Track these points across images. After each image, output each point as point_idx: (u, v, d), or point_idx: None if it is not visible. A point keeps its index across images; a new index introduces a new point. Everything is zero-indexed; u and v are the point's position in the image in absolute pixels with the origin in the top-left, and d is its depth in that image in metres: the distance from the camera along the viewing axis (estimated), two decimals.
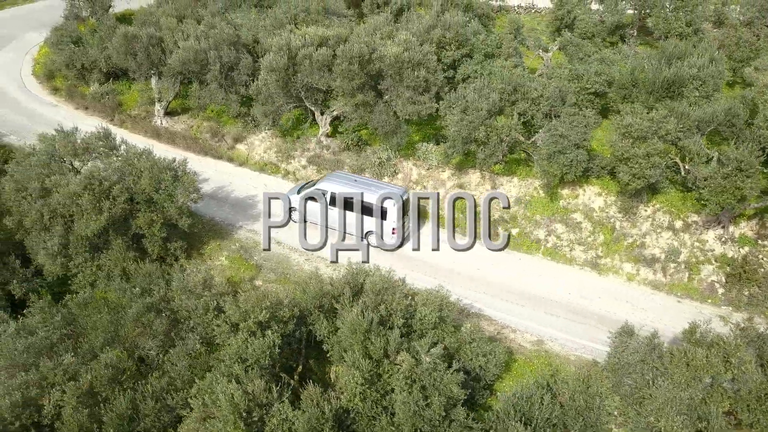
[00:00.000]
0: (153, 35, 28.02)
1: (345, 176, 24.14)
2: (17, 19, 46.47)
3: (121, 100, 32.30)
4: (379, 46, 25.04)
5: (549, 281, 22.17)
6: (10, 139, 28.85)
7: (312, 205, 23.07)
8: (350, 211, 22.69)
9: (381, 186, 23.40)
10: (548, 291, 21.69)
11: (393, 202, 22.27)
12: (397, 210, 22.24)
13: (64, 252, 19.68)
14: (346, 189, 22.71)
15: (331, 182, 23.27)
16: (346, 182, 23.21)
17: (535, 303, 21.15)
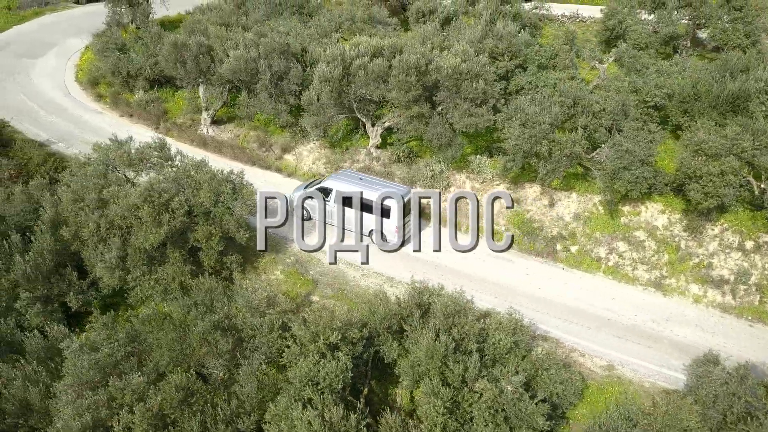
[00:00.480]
0: (202, 44, 27.76)
1: (351, 174, 24.08)
2: (57, 25, 46.74)
3: (166, 108, 32.13)
4: (434, 56, 24.49)
5: (613, 302, 21.38)
6: (59, 147, 28.78)
7: (312, 203, 23.30)
8: (349, 208, 22.57)
9: (384, 185, 23.19)
10: (613, 312, 20.90)
11: (394, 201, 22.01)
12: (398, 209, 21.95)
13: (121, 265, 19.36)
14: (348, 187, 22.59)
15: (335, 180, 23.17)
16: (351, 180, 23.05)
17: (601, 324, 20.37)
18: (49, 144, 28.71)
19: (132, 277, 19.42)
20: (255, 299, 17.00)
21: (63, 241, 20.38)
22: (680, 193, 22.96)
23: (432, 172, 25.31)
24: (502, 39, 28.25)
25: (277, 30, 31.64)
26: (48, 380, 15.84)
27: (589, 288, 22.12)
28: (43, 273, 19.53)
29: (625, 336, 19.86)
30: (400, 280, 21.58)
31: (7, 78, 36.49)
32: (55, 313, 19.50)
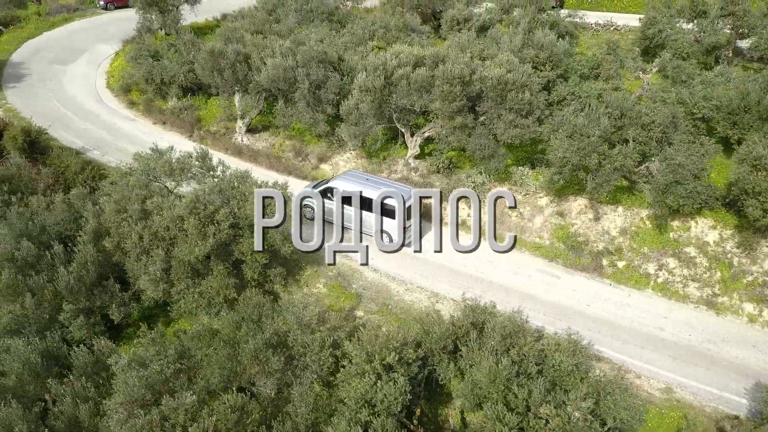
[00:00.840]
0: (239, 52, 27.50)
1: (358, 175, 24.06)
2: (86, 31, 46.89)
3: (199, 116, 31.93)
4: (477, 66, 24.04)
5: (664, 320, 20.72)
6: (95, 154, 28.63)
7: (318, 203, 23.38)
8: (356, 208, 22.49)
9: (388, 184, 23.11)
10: (666, 331, 20.25)
11: (395, 201, 21.84)
12: (399, 209, 21.75)
13: (165, 278, 19.03)
14: (353, 187, 22.54)
15: (342, 180, 23.17)
16: (357, 181, 23.02)
17: (654, 344, 19.73)
18: (84, 151, 28.56)
19: (176, 291, 19.07)
20: (306, 316, 16.55)
21: (105, 252, 20.10)
22: (732, 209, 22.31)
23: (473, 183, 24.81)
24: (542, 48, 27.80)
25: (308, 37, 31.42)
26: (96, 397, 15.49)
27: (638, 305, 21.48)
28: (86, 285, 19.24)
29: (680, 357, 19.20)
30: (445, 295, 21.10)
31: (39, 84, 36.54)
32: (98, 326, 19.20)
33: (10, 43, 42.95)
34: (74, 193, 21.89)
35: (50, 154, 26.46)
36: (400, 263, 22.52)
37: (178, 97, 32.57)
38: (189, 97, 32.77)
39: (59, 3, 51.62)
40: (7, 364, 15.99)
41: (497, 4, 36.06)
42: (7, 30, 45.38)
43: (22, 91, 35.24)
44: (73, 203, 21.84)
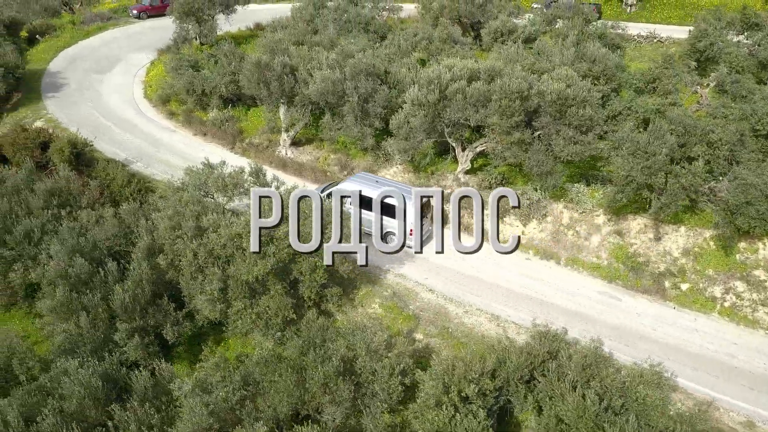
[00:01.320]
0: (286, 64, 27.08)
1: (368, 177, 24.27)
2: (120, 40, 46.95)
3: (240, 127, 31.55)
4: (533, 80, 23.39)
5: (735, 347, 19.81)
6: (138, 166, 28.31)
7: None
8: (366, 210, 22.17)
9: (391, 185, 23.36)
10: (739, 359, 19.33)
11: (395, 200, 21.77)
12: (399, 208, 21.71)
13: (222, 297, 18.51)
14: (353, 187, 22.51)
15: (351, 182, 23.30)
16: (367, 183, 23.17)
17: (728, 373, 18.82)
18: (128, 163, 28.25)
19: (233, 311, 18.53)
20: (375, 341, 15.92)
21: (158, 269, 19.64)
22: None
23: (529, 200, 24.11)
24: (595, 62, 27.08)
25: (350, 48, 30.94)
26: (160, 424, 14.94)
27: (706, 330, 20.58)
28: (140, 304, 18.78)
29: (759, 388, 18.28)
30: (505, 318, 20.37)
31: (78, 94, 36.44)
32: (152, 346, 18.69)
33: (47, 52, 43.05)
34: (125, 208, 21.47)
35: (96, 167, 26.15)
36: (454, 283, 21.84)
37: (219, 108, 32.24)
38: (229, 108, 32.41)
39: (93, 12, 51.82)
40: (67, 387, 15.48)
41: (540, 15, 35.42)
42: (44, 39, 45.52)
43: (62, 101, 35.15)
44: (124, 218, 21.43)
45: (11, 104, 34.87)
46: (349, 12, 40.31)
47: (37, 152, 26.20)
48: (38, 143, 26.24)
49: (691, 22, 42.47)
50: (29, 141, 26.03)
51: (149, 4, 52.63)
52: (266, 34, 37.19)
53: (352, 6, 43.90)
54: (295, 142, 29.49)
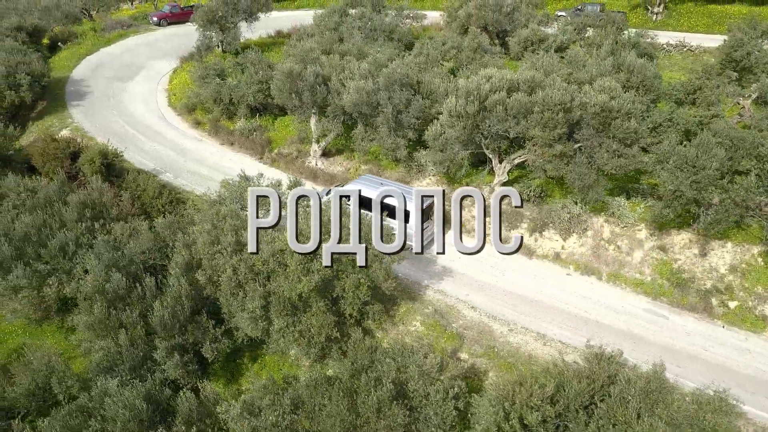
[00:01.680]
0: (318, 73, 26.66)
1: (372, 179, 24.53)
2: (141, 47, 46.79)
3: (269, 137, 31.15)
4: (574, 92, 22.84)
5: None
6: (167, 177, 27.93)
7: None
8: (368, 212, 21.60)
9: (394, 186, 23.52)
10: None
11: (395, 200, 21.79)
12: (400, 209, 21.67)
13: (264, 315, 18.02)
14: (367, 191, 22.74)
15: (356, 185, 23.48)
16: (372, 185, 23.46)
17: None
18: (156, 173, 27.87)
19: (275, 329, 18.03)
20: (426, 363, 15.38)
21: (196, 284, 19.19)
22: None
23: (570, 214, 23.54)
24: (633, 72, 26.52)
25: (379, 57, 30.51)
26: None
27: (759, 351, 19.89)
28: (180, 321, 18.33)
29: None
30: (552, 337, 19.78)
31: (102, 101, 36.20)
32: (191, 364, 18.22)
33: (70, 60, 42.88)
34: (161, 222, 21.05)
35: (126, 177, 25.78)
36: (496, 299, 21.29)
37: (246, 118, 31.86)
38: (257, 117, 32.02)
39: (113, 19, 51.72)
40: (111, 408, 15.02)
41: (570, 23, 34.91)
42: (66, 46, 45.39)
43: (87, 110, 34.90)
44: (159, 232, 21.01)
45: (36, 112, 34.63)
46: (373, 20, 39.97)
47: (66, 162, 25.88)
48: (68, 153, 25.92)
49: (719, 31, 41.92)
50: (59, 151, 25.71)
51: (169, 11, 52.51)
52: (292, 42, 36.83)
53: (375, 14, 43.62)
54: (326, 152, 29.05)
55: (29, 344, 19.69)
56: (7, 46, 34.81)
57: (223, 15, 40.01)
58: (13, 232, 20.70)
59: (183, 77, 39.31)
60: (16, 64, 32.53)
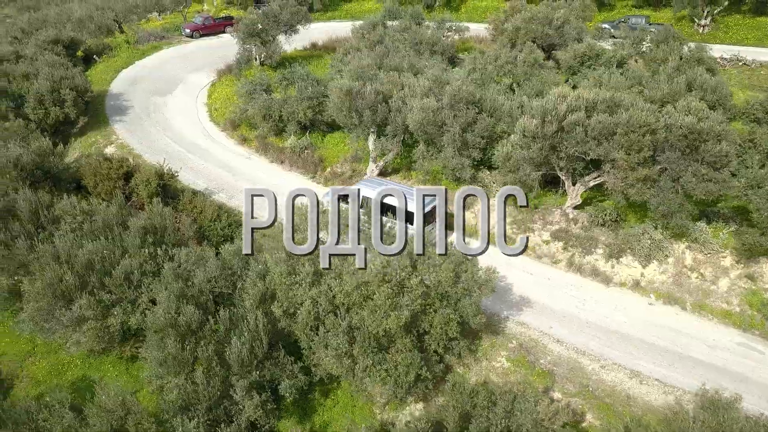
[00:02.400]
0: (379, 91, 25.70)
1: (377, 181, 24.82)
2: (176, 60, 46.07)
3: (321, 155, 30.18)
4: (657, 113, 21.77)
5: None
6: (221, 197, 27.00)
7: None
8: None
9: (403, 189, 23.49)
10: None
11: (395, 199, 22.08)
12: (401, 210, 21.79)
13: (348, 352, 16.95)
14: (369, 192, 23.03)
15: (359, 186, 23.91)
16: (373, 186, 23.79)
17: None
18: (210, 194, 26.93)
19: (360, 367, 16.93)
20: (539, 411, 14.26)
21: (272, 317, 18.15)
22: None
23: (651, 240, 22.37)
24: (707, 90, 25.40)
25: (434, 73, 29.55)
26: None
27: None
28: (257, 357, 17.29)
29: None
30: (647, 374, 18.57)
31: (144, 117, 35.41)
32: (268, 404, 17.15)
33: (106, 73, 42.20)
34: (228, 249, 20.03)
35: (181, 199, 24.85)
36: (580, 331, 20.12)
37: (296, 135, 30.92)
38: (307, 134, 31.08)
39: (146, 30, 51.10)
40: None
41: (627, 37, 33.83)
42: (101, 59, 44.74)
43: (130, 125, 34.10)
44: (227, 259, 20.00)
45: (78, 128, 33.86)
46: (416, 33, 39.07)
47: (120, 183, 24.99)
48: (122, 174, 25.01)
49: None
50: (112, 171, 24.83)
51: (202, 23, 51.85)
52: (338, 56, 35.99)
53: (415, 26, 42.77)
54: (382, 171, 28.02)
55: (100, 382, 18.72)
56: (50, 60, 34.05)
57: (263, 28, 39.21)
58: (75, 259, 19.75)
59: (223, 91, 38.51)
60: (60, 78, 31.75)
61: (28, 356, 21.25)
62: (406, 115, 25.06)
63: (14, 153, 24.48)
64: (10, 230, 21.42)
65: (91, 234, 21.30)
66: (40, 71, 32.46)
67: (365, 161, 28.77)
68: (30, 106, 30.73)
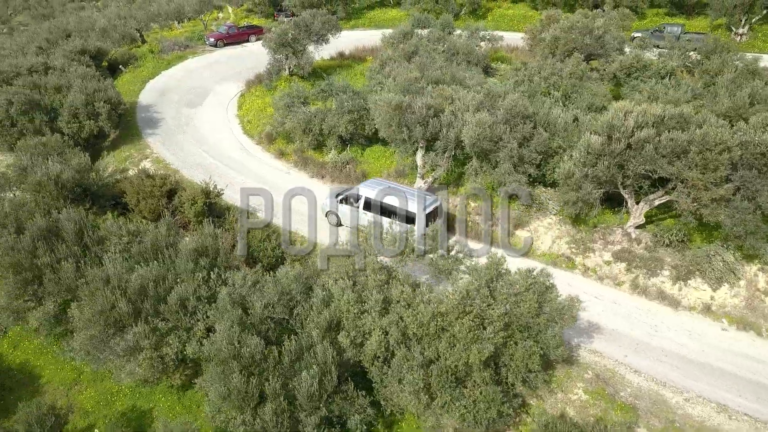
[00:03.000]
0: (430, 106, 24.78)
1: (380, 182, 25.13)
2: (202, 70, 45.36)
3: (363, 170, 29.25)
4: None
5: None
6: (265, 215, 26.01)
7: (343, 209, 24.63)
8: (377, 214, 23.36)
9: (404, 190, 23.89)
10: None
11: (396, 200, 22.86)
12: (400, 210, 22.60)
13: (425, 387, 15.98)
14: (374, 193, 23.74)
15: (365, 187, 24.41)
16: (377, 186, 24.20)
17: None
18: (254, 212, 26.01)
19: (437, 403, 15.95)
20: None
21: (339, 347, 17.19)
22: None
23: (723, 261, 21.36)
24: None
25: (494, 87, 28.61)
26: None
27: None
28: (327, 391, 16.31)
29: None
30: (736, 408, 17.53)
31: (177, 129, 34.60)
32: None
33: (134, 84, 41.44)
34: (287, 274, 19.08)
35: (227, 217, 23.95)
36: (658, 361, 19.10)
37: (336, 149, 30.03)
38: (348, 148, 30.19)
39: (169, 39, 50.39)
40: None
41: (675, 48, 32.88)
42: (127, 69, 44.01)
43: (163, 138, 33.28)
44: (286, 284, 19.04)
45: (110, 141, 33.03)
46: (451, 43, 38.24)
47: (163, 201, 24.11)
48: (165, 191, 24.14)
49: None
50: (155, 189, 23.94)
51: (226, 32, 51.14)
52: (374, 66, 35.14)
53: (447, 35, 41.96)
54: (429, 187, 27.05)
55: (152, 413, 17.78)
56: (81, 72, 33.27)
57: (294, 38, 38.42)
58: (127, 284, 18.83)
59: (254, 102, 37.69)
60: (93, 91, 30.95)
61: (74, 384, 20.32)
62: (459, 130, 24.13)
63: (54, 170, 23.61)
64: (55, 252, 20.53)
65: (140, 256, 20.41)
66: (73, 83, 31.66)
67: (410, 176, 27.87)
68: (64, 119, 29.89)
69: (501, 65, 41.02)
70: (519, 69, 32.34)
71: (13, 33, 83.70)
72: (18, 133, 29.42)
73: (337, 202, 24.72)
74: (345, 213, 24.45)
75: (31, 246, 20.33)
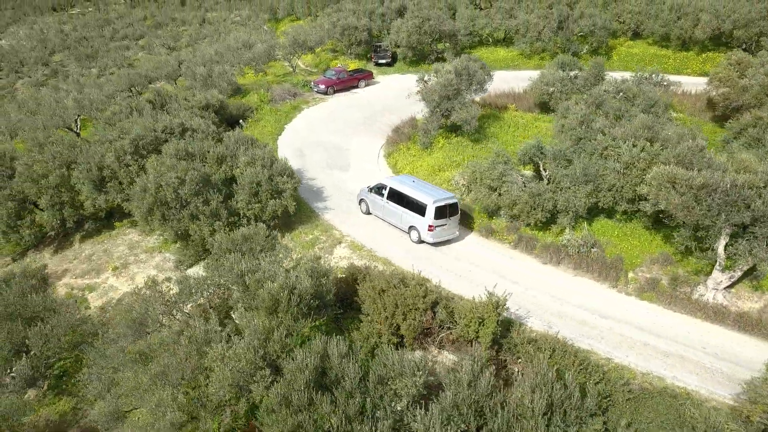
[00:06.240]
0: (738, 183, 19.72)
1: (410, 178, 27.47)
2: (325, 123, 40.59)
3: (616, 254, 24.00)
4: None
5: None
6: (533, 324, 20.57)
7: (372, 198, 27.29)
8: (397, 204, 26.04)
9: (428, 186, 26.42)
10: None
11: (407, 188, 25.66)
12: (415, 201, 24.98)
13: None
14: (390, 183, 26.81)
15: (390, 180, 27.16)
16: (405, 180, 26.94)
17: None
18: (519, 320, 20.63)
19: None
20: None
21: None
22: None
23: None
24: None
25: None
26: None
27: None
28: None
29: None
30: None
31: (345, 201, 29.34)
32: None
33: (263, 142, 36.31)
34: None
35: (514, 338, 18.62)
36: None
37: (572, 228, 24.88)
38: (586, 226, 25.05)
39: (278, 87, 45.48)
40: None
41: None
42: (247, 123, 39.00)
43: (340, 214, 28.04)
44: None
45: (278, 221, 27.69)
46: (639, 92, 33.44)
47: (427, 316, 18.88)
48: (429, 303, 18.90)
49: None
50: (418, 300, 18.69)
51: (336, 77, 46.42)
52: (558, 117, 30.00)
53: (599, 80, 37.33)
54: (732, 283, 21.85)
55: None
56: (240, 137, 28.16)
57: (456, 89, 33.60)
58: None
59: (414, 164, 32.80)
60: (271, 163, 25.84)
61: None
62: None
63: (289, 281, 18.28)
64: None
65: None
66: (238, 153, 26.55)
67: (683, 263, 22.76)
68: (243, 199, 24.67)
69: (673, 114, 36.30)
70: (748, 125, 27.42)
71: (57, 75, 79.24)
72: (189, 217, 24.16)
73: (368, 191, 27.26)
74: (372, 201, 27.00)
75: None
